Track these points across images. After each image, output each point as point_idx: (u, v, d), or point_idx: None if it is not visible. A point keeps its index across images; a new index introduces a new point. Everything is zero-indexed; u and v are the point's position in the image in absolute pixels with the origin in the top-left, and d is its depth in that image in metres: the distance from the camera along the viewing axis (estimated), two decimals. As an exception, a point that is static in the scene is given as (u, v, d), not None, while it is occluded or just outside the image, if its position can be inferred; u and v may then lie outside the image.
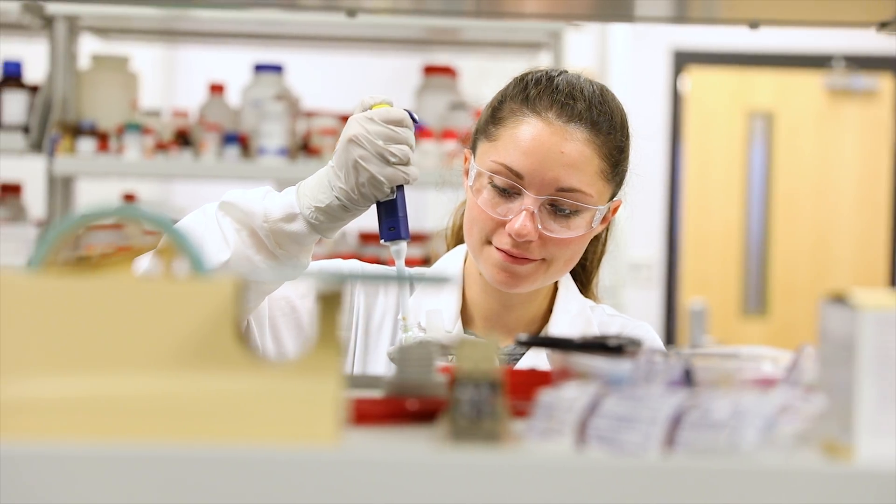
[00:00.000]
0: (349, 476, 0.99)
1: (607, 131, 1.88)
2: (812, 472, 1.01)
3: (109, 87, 4.17)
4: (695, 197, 6.68)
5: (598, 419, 1.11)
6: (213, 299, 1.03)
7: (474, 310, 1.99)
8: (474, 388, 1.06)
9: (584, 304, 2.03)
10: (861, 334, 1.05)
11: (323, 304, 1.04)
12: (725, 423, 1.04)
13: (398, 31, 4.30)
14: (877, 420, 1.05)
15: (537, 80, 1.91)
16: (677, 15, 1.65)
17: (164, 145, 4.02)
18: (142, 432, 1.01)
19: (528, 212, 1.83)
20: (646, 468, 1.01)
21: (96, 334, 1.02)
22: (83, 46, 4.36)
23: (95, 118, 4.07)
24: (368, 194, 1.74)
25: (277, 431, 1.03)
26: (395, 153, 1.72)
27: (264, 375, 1.03)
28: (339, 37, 4.48)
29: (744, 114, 6.75)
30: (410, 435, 1.15)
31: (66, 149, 3.95)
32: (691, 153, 6.66)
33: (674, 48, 6.53)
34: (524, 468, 0.99)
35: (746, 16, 1.59)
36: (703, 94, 6.69)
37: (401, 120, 1.75)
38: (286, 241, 1.75)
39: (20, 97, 3.99)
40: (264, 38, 4.53)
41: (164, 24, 4.39)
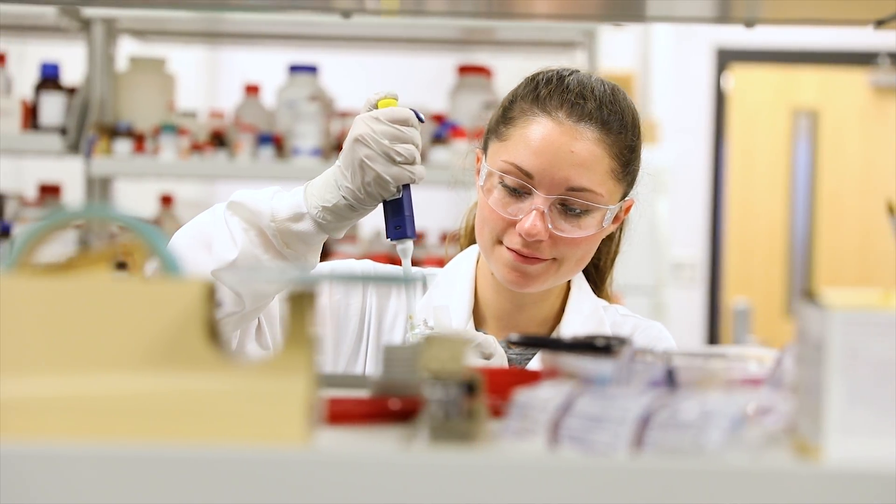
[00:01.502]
0: (314, 475, 1.00)
1: (618, 130, 1.87)
2: (777, 473, 1.00)
3: (146, 88, 4.21)
4: (738, 196, 6.65)
5: (571, 419, 1.11)
6: (182, 300, 1.04)
7: (486, 310, 1.99)
8: (443, 388, 1.07)
9: (596, 305, 2.02)
10: (830, 334, 1.05)
11: (292, 304, 1.05)
12: (691, 424, 1.04)
13: (433, 31, 4.31)
14: (846, 420, 1.04)
15: (548, 80, 1.91)
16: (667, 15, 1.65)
17: (200, 146, 4.05)
18: (110, 432, 1.02)
19: (538, 211, 1.83)
20: (608, 468, 1.01)
21: (66, 335, 1.03)
22: (121, 48, 4.40)
23: (132, 119, 4.11)
24: (374, 193, 1.75)
25: (246, 431, 1.04)
26: (401, 152, 1.73)
27: (234, 375, 1.04)
28: (374, 37, 4.49)
29: (788, 111, 6.71)
30: (387, 435, 1.15)
31: (102, 150, 3.98)
32: (735, 151, 6.63)
33: (717, 46, 6.50)
34: (486, 468, 1.00)
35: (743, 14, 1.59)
36: (747, 92, 6.66)
37: (406, 119, 1.76)
38: (293, 241, 1.76)
39: (58, 99, 4.03)
40: (300, 38, 4.55)
41: (201, 26, 4.42)
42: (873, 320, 1.04)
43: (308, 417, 1.06)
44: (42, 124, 4.02)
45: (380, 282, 1.84)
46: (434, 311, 1.82)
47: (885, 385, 1.04)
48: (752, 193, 6.70)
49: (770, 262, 6.69)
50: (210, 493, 0.99)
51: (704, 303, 6.49)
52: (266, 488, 1.00)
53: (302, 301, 1.06)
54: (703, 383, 1.24)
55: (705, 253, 6.52)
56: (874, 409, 1.04)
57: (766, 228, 6.69)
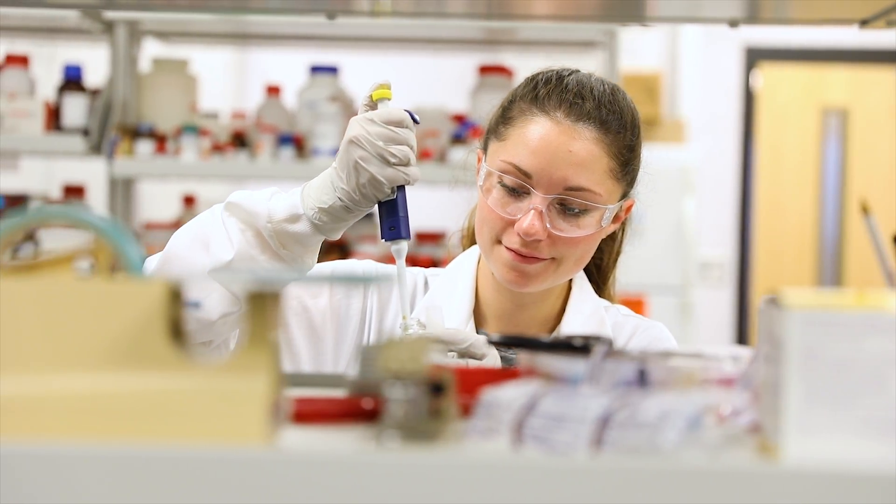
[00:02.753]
0: (271, 474, 1.01)
1: (616, 130, 1.87)
2: (732, 472, 1.01)
3: (169, 89, 4.24)
4: (767, 195, 6.62)
5: (534, 419, 1.11)
6: (144, 300, 1.05)
7: (487, 310, 1.99)
8: (402, 388, 1.07)
9: (597, 305, 2.02)
10: (788, 333, 1.05)
11: (253, 303, 1.06)
12: (648, 424, 1.04)
13: (454, 31, 4.32)
14: (804, 420, 1.04)
15: (547, 80, 1.91)
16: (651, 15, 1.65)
17: (221, 147, 4.07)
18: (70, 430, 1.03)
19: (536, 211, 1.83)
20: (562, 467, 1.01)
21: (28, 334, 1.04)
22: (145, 49, 4.43)
23: (155, 120, 4.14)
24: (369, 195, 1.76)
25: (207, 430, 1.05)
26: (396, 154, 1.74)
27: (194, 375, 1.05)
28: (396, 38, 4.50)
29: (817, 110, 6.68)
30: (355, 435, 1.16)
31: (125, 151, 4.01)
32: (763, 151, 6.60)
33: (745, 45, 6.47)
34: (439, 467, 1.00)
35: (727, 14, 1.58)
36: (776, 91, 6.63)
37: (401, 121, 1.76)
38: (290, 242, 1.77)
39: (80, 101, 4.06)
40: (324, 39, 4.57)
41: (224, 27, 4.44)
42: (831, 320, 1.04)
43: (270, 417, 1.07)
44: (65, 126, 4.05)
45: (343, 282, 1.84)
46: (426, 311, 1.82)
47: (843, 385, 1.04)
48: (781, 192, 6.67)
49: (800, 262, 6.66)
50: (168, 492, 1.00)
51: (733, 303, 6.46)
52: (224, 487, 1.01)
53: (262, 301, 1.06)
54: (676, 383, 1.24)
55: (734, 252, 6.49)
56: (832, 409, 1.04)
57: (795, 227, 6.66)
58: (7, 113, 4.03)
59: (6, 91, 4.10)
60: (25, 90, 4.14)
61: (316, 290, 1.95)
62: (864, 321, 1.04)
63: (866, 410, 1.03)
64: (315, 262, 1.84)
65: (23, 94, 4.10)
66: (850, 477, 1.01)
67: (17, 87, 4.12)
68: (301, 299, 1.93)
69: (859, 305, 1.04)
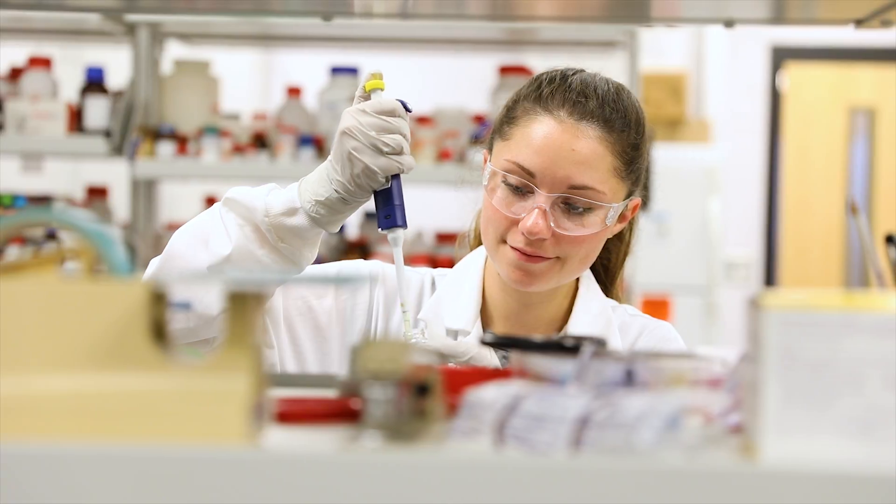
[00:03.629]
0: (250, 473, 1.01)
1: (620, 129, 1.87)
2: (708, 472, 1.01)
3: (191, 91, 4.26)
4: (794, 194, 6.60)
5: (516, 419, 1.11)
6: (126, 301, 1.06)
7: (494, 310, 1.99)
8: (381, 389, 1.08)
9: (605, 305, 2.01)
10: (766, 334, 1.04)
11: (233, 304, 1.07)
12: (624, 424, 1.04)
13: (474, 32, 4.32)
14: (782, 420, 1.04)
15: (551, 79, 1.91)
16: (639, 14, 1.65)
17: (242, 148, 4.09)
18: (51, 430, 1.04)
19: (540, 210, 1.83)
20: (537, 467, 1.01)
21: (10, 334, 1.05)
22: (168, 51, 4.45)
23: (176, 122, 4.16)
24: (364, 185, 1.76)
25: (187, 430, 1.05)
26: (388, 143, 1.74)
27: (175, 375, 1.06)
28: (417, 38, 4.51)
29: (844, 109, 6.64)
30: (339, 435, 1.16)
31: (146, 152, 4.03)
32: (790, 150, 6.57)
33: (772, 44, 6.45)
34: (415, 467, 1.01)
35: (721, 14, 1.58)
36: (803, 90, 6.60)
37: (393, 110, 1.77)
38: (288, 236, 1.78)
39: (102, 102, 4.09)
40: (346, 40, 4.58)
41: (247, 29, 4.46)
42: (809, 320, 1.04)
43: (251, 417, 1.07)
44: (87, 127, 4.08)
45: (317, 282, 1.84)
46: (428, 325, 1.83)
47: (821, 385, 1.04)
48: (808, 192, 6.64)
49: (826, 262, 6.63)
50: (146, 491, 1.01)
51: (759, 303, 6.43)
52: (204, 486, 1.01)
53: (243, 302, 1.07)
54: (664, 383, 1.24)
55: (760, 252, 6.47)
56: (811, 409, 1.04)
57: (822, 227, 6.63)
58: (30, 115, 4.06)
59: (29, 93, 4.13)
60: (48, 92, 4.17)
61: (321, 290, 1.96)
62: (842, 321, 1.04)
63: (844, 411, 1.03)
64: (314, 256, 1.85)
65: (45, 96, 4.13)
66: (828, 477, 1.01)
67: (39, 89, 4.15)
68: (306, 299, 1.93)
69: (837, 306, 1.04)
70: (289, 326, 1.92)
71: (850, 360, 1.03)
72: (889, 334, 1.03)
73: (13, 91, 4.19)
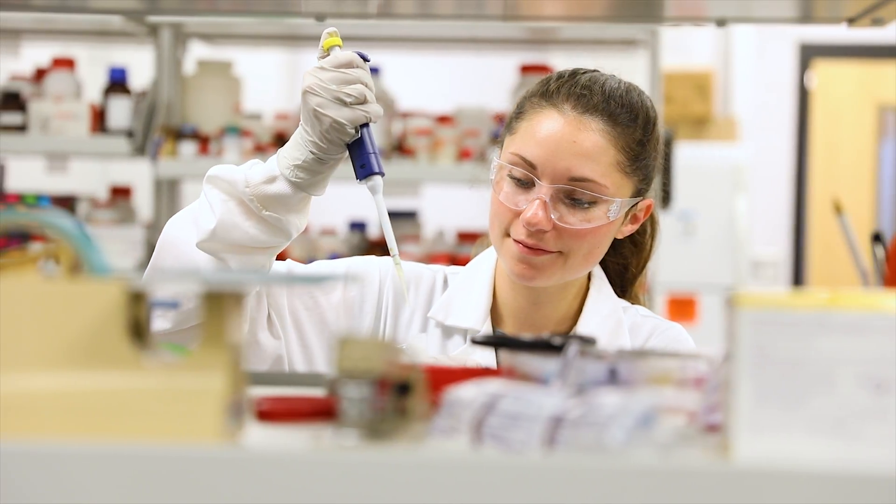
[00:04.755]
0: (223, 471, 1.02)
1: (625, 123, 1.87)
2: (677, 471, 1.01)
3: (213, 91, 4.28)
4: (822, 193, 6.56)
5: (493, 418, 1.12)
6: (102, 300, 1.07)
7: (504, 308, 1.99)
8: (355, 387, 1.08)
9: (616, 305, 2.01)
10: (739, 332, 1.04)
11: (208, 304, 1.07)
12: (595, 423, 1.04)
13: (494, 31, 4.32)
14: (756, 419, 1.04)
15: (560, 76, 1.92)
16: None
17: (263, 147, 4.11)
18: (26, 429, 1.05)
19: (540, 201, 1.84)
20: (506, 465, 1.02)
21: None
22: (194, 51, 4.48)
23: (199, 122, 4.18)
24: (335, 139, 1.77)
25: (163, 429, 1.06)
26: (351, 93, 1.75)
27: (151, 374, 1.07)
28: (438, 38, 4.52)
29: (873, 107, 6.60)
30: (318, 433, 1.17)
31: (168, 152, 4.06)
32: (818, 148, 6.54)
33: (800, 42, 6.42)
34: (385, 465, 1.01)
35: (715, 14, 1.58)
36: (831, 88, 6.57)
37: (350, 62, 1.78)
38: (271, 204, 1.79)
39: (125, 103, 4.12)
40: (369, 40, 4.59)
41: (268, 29, 4.48)
42: (782, 320, 1.04)
43: (228, 415, 1.08)
44: (110, 127, 4.11)
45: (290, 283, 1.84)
46: (415, 342, 1.83)
47: (794, 384, 1.03)
48: (836, 190, 6.60)
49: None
50: (118, 489, 1.02)
51: (787, 302, 6.40)
52: (178, 484, 1.02)
53: (219, 301, 1.08)
54: (649, 382, 1.24)
55: (788, 251, 6.44)
56: (783, 408, 1.03)
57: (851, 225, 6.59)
58: (53, 115, 4.10)
59: (53, 94, 4.17)
60: (72, 92, 4.20)
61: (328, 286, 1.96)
62: (814, 321, 1.03)
63: (817, 409, 1.03)
64: (304, 223, 1.86)
65: (69, 97, 4.16)
66: (800, 476, 1.01)
67: (63, 89, 4.19)
68: (313, 294, 1.94)
69: (810, 305, 1.04)
70: (295, 321, 1.93)
71: (823, 359, 1.03)
72: (862, 333, 1.03)
73: (37, 92, 4.23)
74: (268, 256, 1.85)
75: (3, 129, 4.11)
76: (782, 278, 6.43)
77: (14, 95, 4.17)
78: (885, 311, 1.03)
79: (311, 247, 4.32)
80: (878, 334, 1.03)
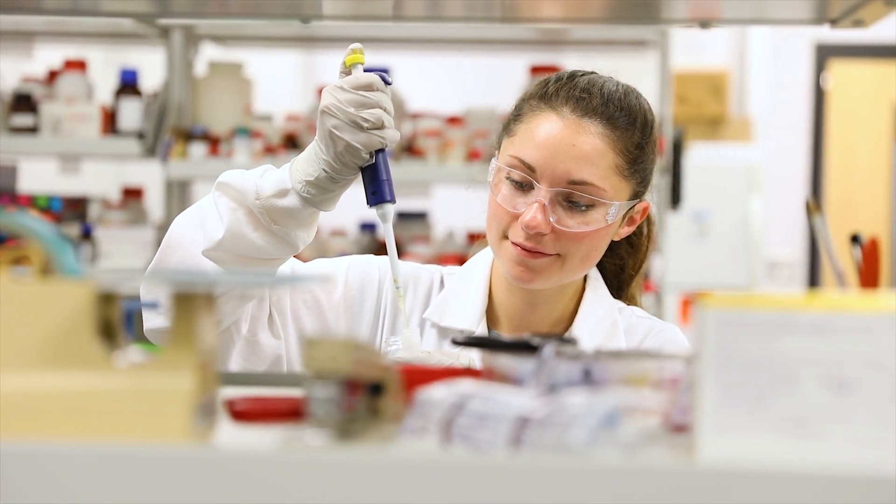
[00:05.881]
0: (186, 470, 1.03)
1: (624, 127, 1.87)
2: (639, 471, 1.01)
3: (224, 92, 4.30)
4: (838, 193, 6.54)
5: (462, 418, 1.12)
6: (72, 301, 1.08)
7: (500, 309, 1.99)
8: (322, 387, 1.09)
9: (612, 307, 2.01)
10: (703, 333, 1.05)
11: (178, 304, 1.08)
12: (560, 423, 1.05)
13: (504, 32, 4.33)
14: (720, 419, 1.04)
15: (558, 78, 1.92)
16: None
17: (273, 148, 4.12)
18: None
19: (539, 204, 1.83)
20: (470, 465, 1.02)
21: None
22: (203, 53, 4.49)
23: (210, 123, 4.20)
24: (348, 162, 1.76)
25: (131, 429, 1.07)
26: (368, 118, 1.74)
27: (120, 374, 1.08)
28: (448, 39, 4.52)
29: (889, 107, 6.58)
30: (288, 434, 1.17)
31: (179, 153, 4.08)
32: (834, 148, 6.52)
33: (816, 42, 6.40)
34: (348, 465, 1.02)
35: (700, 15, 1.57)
36: (847, 88, 6.55)
37: (370, 84, 1.76)
38: (280, 217, 1.78)
39: (136, 104, 4.14)
40: (380, 41, 4.60)
41: (280, 31, 4.49)
42: (745, 320, 1.04)
43: (196, 415, 1.09)
44: (121, 129, 4.13)
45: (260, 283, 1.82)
46: (404, 337, 1.82)
47: (757, 384, 1.03)
48: (852, 190, 6.58)
49: (872, 261, 6.56)
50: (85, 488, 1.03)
51: (802, 302, 6.38)
52: (144, 483, 1.03)
53: (188, 302, 1.09)
54: (625, 383, 1.24)
55: (804, 251, 6.42)
56: (747, 408, 1.03)
57: (867, 226, 6.57)
58: (65, 117, 4.12)
59: (64, 95, 4.19)
60: (83, 94, 4.22)
61: (329, 285, 1.96)
62: (777, 321, 1.03)
63: (780, 410, 1.03)
64: (311, 236, 1.85)
65: (80, 99, 4.19)
66: (762, 476, 1.01)
67: (74, 91, 4.21)
68: (314, 293, 1.94)
69: (773, 305, 1.04)
70: (296, 318, 1.93)
71: (787, 360, 1.03)
72: (825, 334, 1.03)
73: (49, 93, 4.25)
74: (272, 267, 1.85)
75: (15, 131, 4.14)
76: (798, 279, 6.41)
77: (26, 97, 4.19)
78: (848, 311, 1.03)
79: (322, 247, 4.33)
80: (841, 335, 1.03)
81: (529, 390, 1.16)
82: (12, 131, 4.14)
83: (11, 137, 4.12)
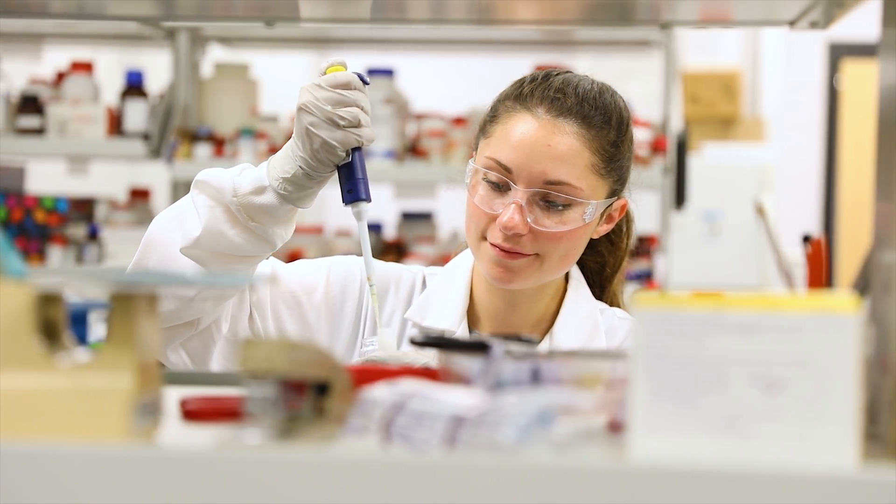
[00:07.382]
0: (121, 470, 1.04)
1: (599, 126, 1.87)
2: (567, 469, 1.01)
3: (230, 93, 4.32)
4: (851, 194, 6.52)
5: (402, 417, 1.13)
6: (13, 302, 1.09)
7: (481, 310, 2.00)
8: (258, 387, 1.10)
9: (593, 307, 2.01)
10: (635, 333, 1.05)
11: (116, 303, 1.09)
12: (491, 422, 1.05)
13: (509, 32, 4.33)
14: (650, 417, 1.04)
15: (533, 78, 1.92)
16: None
17: (277, 149, 4.11)
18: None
19: (516, 205, 1.84)
20: (404, 464, 1.03)
21: None
22: (209, 54, 4.51)
23: (215, 124, 4.21)
24: (325, 159, 1.77)
25: (69, 428, 1.08)
26: (345, 116, 1.75)
27: (59, 374, 1.09)
28: (452, 39, 4.53)
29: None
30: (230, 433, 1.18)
31: (184, 154, 4.10)
32: (847, 148, 6.49)
33: (829, 41, 6.38)
34: (281, 465, 1.03)
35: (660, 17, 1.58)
36: (860, 87, 6.52)
37: (348, 83, 1.77)
38: (258, 214, 1.79)
39: (141, 106, 4.16)
40: (383, 42, 4.61)
41: (287, 32, 4.51)
42: (674, 319, 1.04)
43: (137, 414, 1.10)
44: (126, 130, 4.15)
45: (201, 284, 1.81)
46: (379, 333, 1.83)
47: (687, 383, 1.04)
48: (866, 191, 6.55)
49: (886, 261, 6.54)
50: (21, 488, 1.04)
51: (816, 303, 6.36)
52: (80, 483, 1.04)
53: (126, 302, 1.10)
54: (577, 383, 1.25)
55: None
56: (677, 407, 1.04)
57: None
58: (71, 118, 4.15)
59: (70, 97, 4.21)
60: (89, 96, 4.25)
61: (311, 284, 1.97)
62: (706, 321, 1.04)
63: (710, 409, 1.03)
64: (289, 233, 1.86)
65: (87, 100, 4.21)
66: (691, 474, 1.01)
67: (81, 92, 4.23)
68: (295, 293, 1.95)
69: (702, 305, 1.04)
70: (276, 317, 1.94)
71: (716, 359, 1.04)
72: (753, 333, 1.03)
73: (55, 95, 4.28)
74: (250, 265, 1.86)
75: (22, 132, 4.17)
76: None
77: (33, 99, 4.22)
78: (777, 311, 1.03)
79: (327, 248, 4.34)
80: (770, 334, 1.03)
81: (475, 390, 1.17)
82: (19, 133, 4.17)
83: (18, 139, 4.15)
